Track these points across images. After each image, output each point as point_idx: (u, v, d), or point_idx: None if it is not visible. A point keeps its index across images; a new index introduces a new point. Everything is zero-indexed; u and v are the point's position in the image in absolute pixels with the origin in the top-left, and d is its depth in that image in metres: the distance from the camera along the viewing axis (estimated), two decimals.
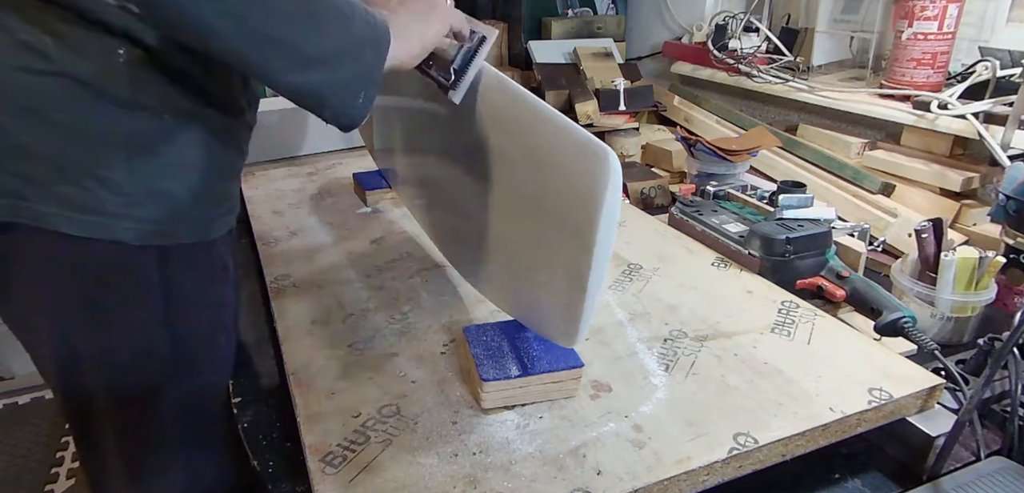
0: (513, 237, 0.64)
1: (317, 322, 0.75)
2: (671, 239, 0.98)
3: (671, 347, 0.70)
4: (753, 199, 1.04)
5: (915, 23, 1.16)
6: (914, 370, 0.66)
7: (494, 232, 0.67)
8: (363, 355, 0.69)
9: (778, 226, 0.89)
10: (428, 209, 0.89)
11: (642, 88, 1.60)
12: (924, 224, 0.85)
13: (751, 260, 0.88)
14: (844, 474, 0.63)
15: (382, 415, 0.60)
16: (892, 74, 1.22)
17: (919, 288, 0.82)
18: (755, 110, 1.49)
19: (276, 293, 0.82)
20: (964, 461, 0.63)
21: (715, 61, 1.57)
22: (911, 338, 0.74)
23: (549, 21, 1.81)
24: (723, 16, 1.63)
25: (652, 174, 1.31)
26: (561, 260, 0.55)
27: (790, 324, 0.74)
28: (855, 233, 0.98)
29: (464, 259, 0.80)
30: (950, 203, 1.06)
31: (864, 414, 0.61)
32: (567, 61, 1.72)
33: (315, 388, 0.63)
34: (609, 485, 0.52)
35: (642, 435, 0.57)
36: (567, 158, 0.52)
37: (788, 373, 0.65)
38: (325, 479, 0.52)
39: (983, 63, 1.13)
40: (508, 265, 0.67)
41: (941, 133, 1.11)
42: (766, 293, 0.81)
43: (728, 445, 0.55)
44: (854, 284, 0.83)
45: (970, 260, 0.79)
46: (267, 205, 1.12)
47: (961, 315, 0.81)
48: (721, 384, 0.64)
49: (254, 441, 0.65)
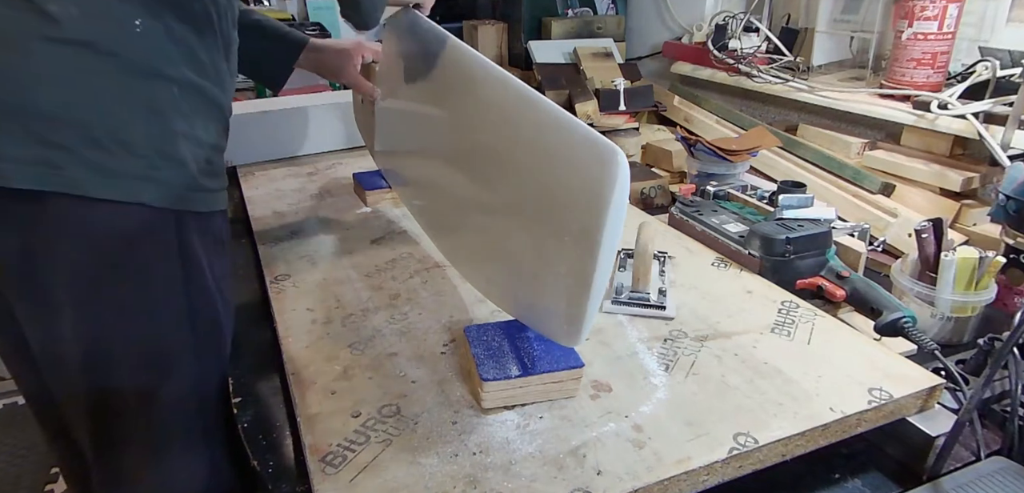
0: (516, 236, 0.64)
1: (317, 322, 0.75)
2: (671, 239, 0.98)
3: (671, 347, 0.70)
4: (753, 199, 1.04)
5: (915, 23, 1.16)
6: (914, 370, 0.66)
7: (496, 231, 0.67)
8: (363, 355, 0.69)
9: (778, 226, 0.89)
10: (429, 209, 0.89)
11: (642, 88, 1.60)
12: (924, 224, 0.85)
13: (751, 260, 0.88)
14: (844, 474, 0.63)
15: (382, 415, 0.60)
16: (892, 74, 1.22)
17: (919, 288, 0.82)
18: (755, 110, 1.49)
19: (276, 293, 0.82)
20: (964, 461, 0.63)
21: (715, 61, 1.57)
22: (911, 338, 0.74)
23: (549, 21, 1.81)
24: (723, 16, 1.63)
25: (652, 174, 1.31)
26: (565, 260, 0.55)
27: (790, 324, 0.74)
28: (855, 233, 0.98)
29: (465, 259, 0.80)
30: (950, 203, 1.06)
31: (864, 414, 0.61)
32: (567, 61, 1.72)
33: (315, 388, 0.63)
34: (609, 485, 0.52)
35: (642, 435, 0.57)
36: (574, 156, 0.52)
37: (788, 373, 0.65)
38: (325, 479, 0.52)
39: (983, 63, 1.13)
40: (510, 264, 0.67)
41: (941, 133, 1.11)
42: (766, 293, 0.81)
43: (728, 445, 0.55)
44: (854, 284, 0.83)
45: (970, 260, 0.79)
46: (267, 205, 1.12)
47: (961, 315, 0.81)
48: (721, 384, 0.64)
49: (254, 441, 0.65)
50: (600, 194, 0.49)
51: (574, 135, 0.52)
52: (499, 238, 0.67)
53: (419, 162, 0.89)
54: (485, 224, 0.68)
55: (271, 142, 1.36)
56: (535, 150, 0.58)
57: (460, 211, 0.76)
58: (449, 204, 0.80)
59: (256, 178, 1.26)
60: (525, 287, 0.66)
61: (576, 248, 0.53)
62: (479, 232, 0.70)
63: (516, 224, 0.63)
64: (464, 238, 0.77)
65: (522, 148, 0.60)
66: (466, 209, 0.73)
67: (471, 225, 0.72)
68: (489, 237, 0.69)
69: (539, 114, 0.57)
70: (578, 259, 0.53)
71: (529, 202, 0.60)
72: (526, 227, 0.61)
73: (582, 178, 0.51)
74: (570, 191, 0.54)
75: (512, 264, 0.66)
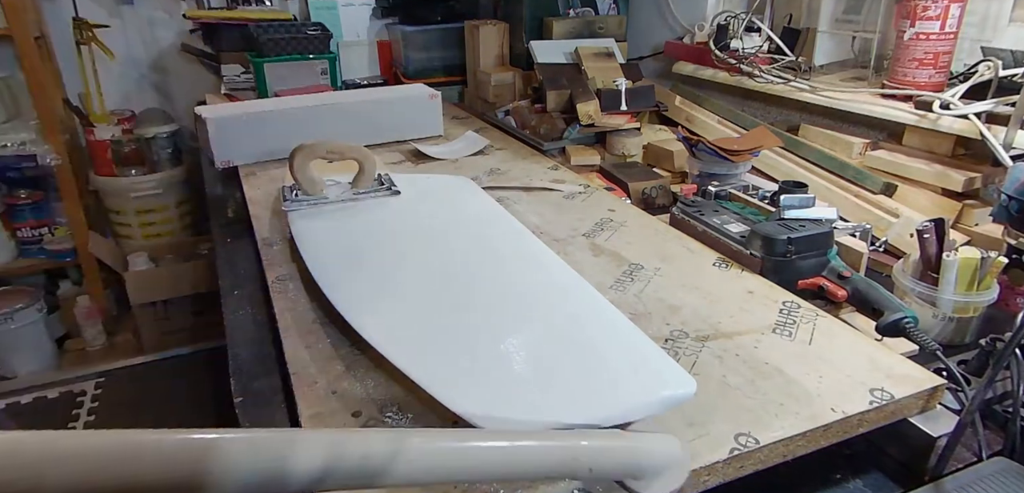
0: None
1: (318, 321, 0.75)
2: (672, 239, 0.97)
3: (672, 347, 0.70)
4: (755, 199, 1.04)
5: (917, 23, 1.16)
6: (916, 370, 0.66)
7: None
8: (364, 354, 0.69)
9: (779, 226, 0.89)
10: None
11: (643, 88, 1.60)
12: (926, 224, 0.84)
13: (752, 260, 0.88)
14: (846, 474, 0.63)
15: (383, 414, 0.60)
16: (894, 74, 1.22)
17: (921, 288, 0.81)
18: (757, 110, 1.49)
19: (277, 293, 0.82)
20: (966, 462, 0.63)
21: (717, 61, 1.57)
22: (913, 338, 0.73)
23: (550, 21, 1.81)
24: (725, 16, 1.63)
25: (653, 174, 1.31)
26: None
27: (791, 324, 0.74)
28: (857, 233, 0.98)
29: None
30: (952, 203, 1.06)
31: (866, 414, 0.60)
32: (568, 61, 1.72)
33: (317, 387, 0.64)
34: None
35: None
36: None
37: (789, 373, 0.65)
38: None
39: (985, 63, 1.13)
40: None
41: (943, 133, 1.11)
42: (767, 293, 0.81)
43: (729, 445, 0.55)
44: (856, 284, 0.83)
45: (972, 260, 0.79)
46: (268, 205, 1.12)
47: (963, 315, 0.80)
48: (722, 384, 0.64)
49: None
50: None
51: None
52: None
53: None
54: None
55: (272, 142, 1.36)
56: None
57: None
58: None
59: (258, 178, 1.26)
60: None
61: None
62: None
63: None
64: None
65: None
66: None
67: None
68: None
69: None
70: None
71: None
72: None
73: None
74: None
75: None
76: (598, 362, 0.61)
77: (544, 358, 0.60)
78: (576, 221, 1.04)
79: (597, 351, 0.62)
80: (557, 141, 1.50)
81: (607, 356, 0.62)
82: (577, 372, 0.59)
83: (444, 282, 0.76)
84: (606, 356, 0.62)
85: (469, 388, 0.57)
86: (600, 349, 0.63)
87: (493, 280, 0.77)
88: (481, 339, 0.65)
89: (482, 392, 0.57)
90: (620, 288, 0.83)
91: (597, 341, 0.64)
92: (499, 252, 0.85)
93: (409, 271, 0.80)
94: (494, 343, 0.63)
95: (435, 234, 0.91)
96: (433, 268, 0.80)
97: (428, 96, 1.56)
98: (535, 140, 1.51)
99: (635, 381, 0.58)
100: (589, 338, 0.65)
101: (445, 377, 0.58)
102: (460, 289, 0.75)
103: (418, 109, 1.54)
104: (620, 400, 0.55)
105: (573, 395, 0.56)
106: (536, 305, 0.72)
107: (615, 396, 0.55)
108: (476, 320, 0.69)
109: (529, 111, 1.65)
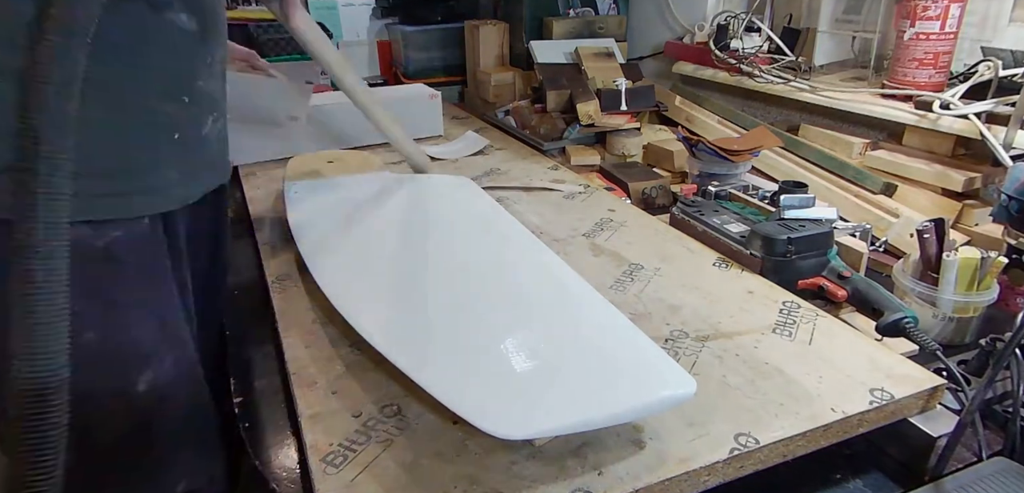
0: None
1: (318, 322, 0.75)
2: (672, 239, 0.98)
3: (672, 347, 0.70)
4: (754, 199, 1.04)
5: (917, 23, 1.16)
6: (916, 370, 0.66)
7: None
8: (364, 354, 0.69)
9: (779, 226, 0.89)
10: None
11: (643, 88, 1.60)
12: (926, 224, 0.84)
13: (752, 260, 0.88)
14: (846, 474, 0.63)
15: (383, 415, 0.60)
16: (894, 74, 1.22)
17: (921, 288, 0.81)
18: (757, 110, 1.49)
19: (278, 293, 0.82)
20: (966, 462, 0.63)
21: (717, 61, 1.57)
22: (913, 338, 0.74)
23: (550, 21, 1.81)
24: (725, 16, 1.63)
25: (653, 174, 1.31)
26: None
27: (791, 324, 0.74)
28: (857, 233, 0.98)
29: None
30: (952, 203, 1.06)
31: (866, 414, 0.60)
32: (568, 61, 1.72)
33: (317, 388, 0.64)
34: (610, 485, 0.52)
35: (643, 435, 0.57)
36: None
37: (789, 373, 0.65)
38: (326, 478, 0.52)
39: (985, 63, 1.13)
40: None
41: (943, 133, 1.11)
42: (767, 293, 0.81)
43: (729, 445, 0.55)
44: (855, 284, 0.83)
45: (972, 260, 0.79)
46: (268, 205, 1.12)
47: (963, 315, 0.80)
48: (722, 384, 0.64)
49: (256, 441, 0.65)
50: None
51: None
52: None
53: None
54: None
55: (273, 142, 1.36)
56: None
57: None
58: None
59: (257, 178, 1.26)
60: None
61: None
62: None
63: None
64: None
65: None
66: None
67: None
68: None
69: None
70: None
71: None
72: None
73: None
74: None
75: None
76: (598, 362, 0.61)
77: (544, 358, 0.60)
78: (576, 221, 1.04)
79: (597, 351, 0.62)
80: (557, 141, 1.50)
81: (607, 356, 0.62)
82: (577, 372, 0.59)
83: (444, 282, 0.76)
84: (606, 356, 0.62)
85: (469, 388, 0.57)
86: (600, 349, 0.63)
87: (493, 280, 0.77)
88: (481, 339, 0.65)
89: (482, 392, 0.57)
90: (620, 288, 0.83)
91: (597, 341, 0.64)
92: (499, 252, 0.85)
93: (409, 271, 0.80)
94: (494, 343, 0.63)
95: (435, 234, 0.91)
96: (433, 268, 0.80)
97: (428, 96, 1.56)
98: (535, 140, 1.51)
99: (635, 381, 0.58)
100: (589, 338, 0.65)
101: (445, 377, 0.58)
102: (460, 289, 0.75)
103: (418, 109, 1.54)
104: (620, 400, 0.55)
105: (573, 395, 0.56)
106: (536, 305, 0.72)
107: (615, 396, 0.55)
108: (476, 320, 0.69)
109: (529, 111, 1.65)
